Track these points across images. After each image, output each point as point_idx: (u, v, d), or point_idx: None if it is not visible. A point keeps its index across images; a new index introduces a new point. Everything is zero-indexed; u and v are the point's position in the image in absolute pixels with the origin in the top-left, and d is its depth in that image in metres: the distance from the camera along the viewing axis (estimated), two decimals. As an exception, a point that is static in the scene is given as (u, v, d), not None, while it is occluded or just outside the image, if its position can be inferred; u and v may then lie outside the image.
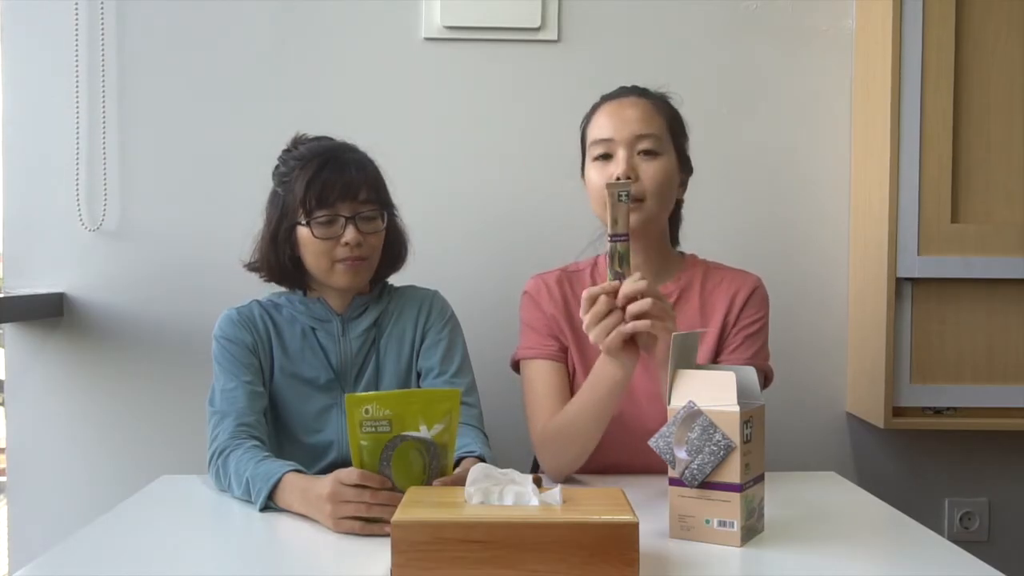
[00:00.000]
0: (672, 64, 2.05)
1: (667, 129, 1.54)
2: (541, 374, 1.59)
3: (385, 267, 1.65)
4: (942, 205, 1.85)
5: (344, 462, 1.51)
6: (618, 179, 1.46)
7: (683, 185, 1.60)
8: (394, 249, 1.65)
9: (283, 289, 1.65)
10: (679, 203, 1.62)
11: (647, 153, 1.50)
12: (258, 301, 1.64)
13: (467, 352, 1.66)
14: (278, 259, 1.58)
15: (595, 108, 1.60)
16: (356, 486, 1.24)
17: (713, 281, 1.61)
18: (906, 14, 1.83)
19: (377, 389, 1.59)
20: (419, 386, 1.62)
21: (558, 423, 1.50)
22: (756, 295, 1.60)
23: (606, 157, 1.52)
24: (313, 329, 1.61)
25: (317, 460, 1.57)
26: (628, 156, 1.50)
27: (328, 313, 1.61)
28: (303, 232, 1.54)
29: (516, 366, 1.65)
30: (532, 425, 1.57)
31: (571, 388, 1.59)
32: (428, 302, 1.66)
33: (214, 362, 1.57)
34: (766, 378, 1.61)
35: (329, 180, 1.52)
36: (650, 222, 1.52)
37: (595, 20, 2.05)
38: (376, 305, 1.64)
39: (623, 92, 1.58)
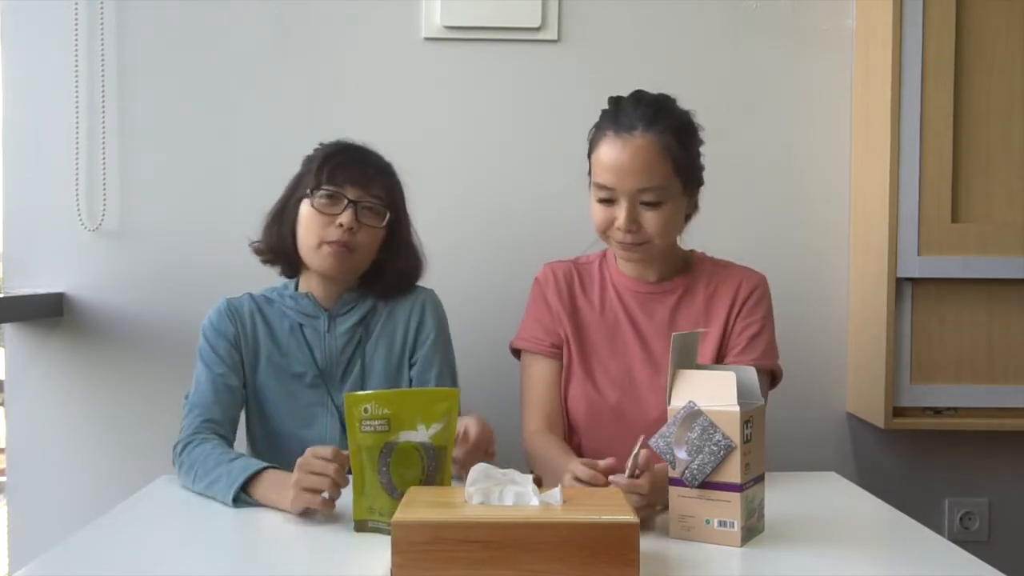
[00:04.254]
0: (672, 64, 2.05)
1: (672, 171, 1.50)
2: (537, 372, 1.63)
3: (392, 281, 1.64)
4: (942, 205, 1.85)
5: None
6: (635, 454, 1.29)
7: (692, 199, 1.59)
8: (402, 261, 1.64)
9: (278, 285, 1.66)
10: (688, 216, 1.62)
11: (649, 204, 1.50)
12: (251, 294, 1.65)
13: (452, 350, 1.69)
14: (280, 232, 1.60)
15: (602, 133, 1.53)
16: (323, 459, 1.27)
17: (718, 278, 1.63)
18: (906, 14, 1.83)
19: (363, 388, 1.60)
20: (411, 380, 1.63)
21: (538, 452, 1.56)
22: (757, 293, 1.61)
23: (609, 201, 1.52)
24: (301, 325, 1.61)
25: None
26: (630, 207, 1.50)
27: (316, 309, 1.61)
28: (304, 206, 1.57)
29: (514, 349, 1.69)
30: (523, 422, 1.63)
31: (568, 379, 1.62)
32: (420, 303, 1.66)
33: (197, 351, 1.60)
34: (774, 377, 1.62)
35: (345, 162, 1.57)
36: (655, 252, 1.56)
37: (595, 20, 2.04)
38: (363, 303, 1.64)
39: (630, 122, 1.50)
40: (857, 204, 2.04)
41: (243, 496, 1.37)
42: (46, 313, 2.01)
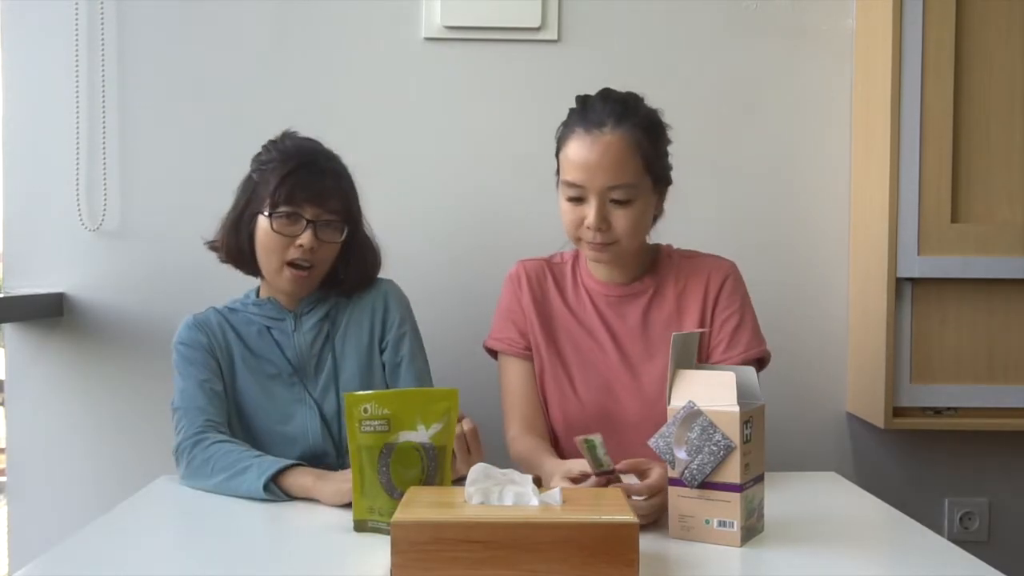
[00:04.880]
0: (671, 64, 2.05)
1: (642, 168, 1.49)
2: (514, 374, 1.64)
3: (353, 282, 1.66)
4: (942, 205, 1.85)
5: (311, 455, 1.55)
6: (587, 439, 1.26)
7: (661, 200, 1.57)
8: (360, 261, 1.66)
9: (239, 297, 1.68)
10: (656, 217, 1.60)
11: (619, 202, 1.49)
12: (215, 308, 1.67)
13: (419, 334, 1.70)
14: (237, 241, 1.61)
15: (570, 130, 1.52)
16: None
17: (686, 272, 1.62)
18: (906, 14, 1.83)
19: (338, 381, 1.62)
20: (385, 375, 1.65)
21: (521, 456, 1.56)
22: (728, 283, 1.59)
23: (578, 199, 1.51)
24: (268, 327, 1.63)
25: (284, 455, 1.57)
26: (600, 205, 1.48)
27: (280, 311, 1.64)
28: (262, 223, 1.57)
29: (488, 347, 1.69)
30: (505, 425, 1.64)
31: (544, 384, 1.62)
32: (382, 293, 1.68)
33: (174, 368, 1.60)
34: (761, 362, 1.60)
35: (302, 181, 1.55)
36: (623, 253, 1.55)
37: (595, 20, 2.05)
38: (326, 300, 1.65)
39: (599, 118, 1.49)
40: (857, 204, 2.04)
41: (272, 486, 1.39)
42: (46, 313, 2.01)
